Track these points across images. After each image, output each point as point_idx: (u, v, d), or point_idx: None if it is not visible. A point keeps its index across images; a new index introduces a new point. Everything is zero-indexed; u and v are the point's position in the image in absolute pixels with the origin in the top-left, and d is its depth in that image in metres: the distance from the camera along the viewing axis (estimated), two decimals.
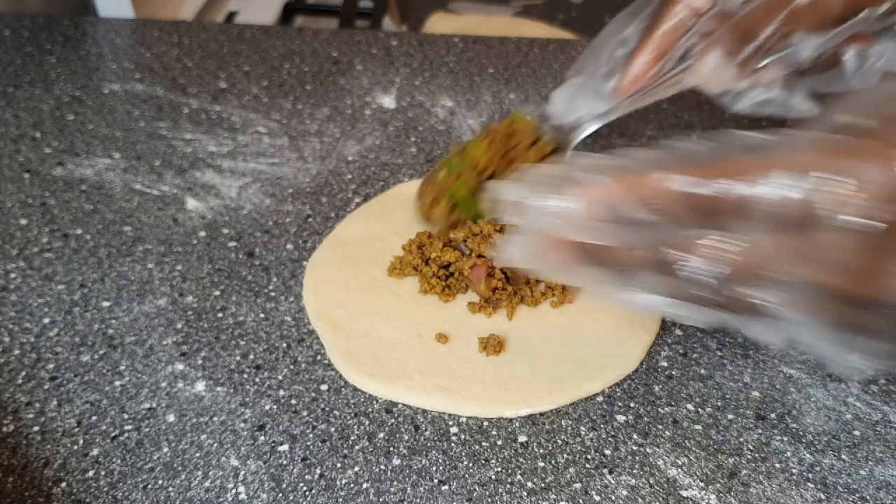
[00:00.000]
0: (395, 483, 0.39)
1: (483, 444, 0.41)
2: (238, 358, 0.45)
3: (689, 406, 0.43)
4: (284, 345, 0.46)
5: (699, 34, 0.46)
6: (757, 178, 0.28)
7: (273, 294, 0.49)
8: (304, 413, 0.42)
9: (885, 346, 0.31)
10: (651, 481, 0.39)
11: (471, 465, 0.40)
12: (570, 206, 0.31)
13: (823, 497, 0.38)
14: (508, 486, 0.39)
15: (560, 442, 0.41)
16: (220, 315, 0.48)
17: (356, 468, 0.40)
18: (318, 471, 0.40)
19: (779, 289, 0.30)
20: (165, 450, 0.41)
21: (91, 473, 0.40)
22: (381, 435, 0.41)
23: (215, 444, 0.41)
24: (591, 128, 0.52)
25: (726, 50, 0.43)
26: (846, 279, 0.29)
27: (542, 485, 0.39)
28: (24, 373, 0.44)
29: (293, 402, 0.43)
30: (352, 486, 0.39)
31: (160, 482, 0.39)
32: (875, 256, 0.28)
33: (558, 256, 0.33)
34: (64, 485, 0.39)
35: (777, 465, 0.40)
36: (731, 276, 0.30)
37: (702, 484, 0.39)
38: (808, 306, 0.30)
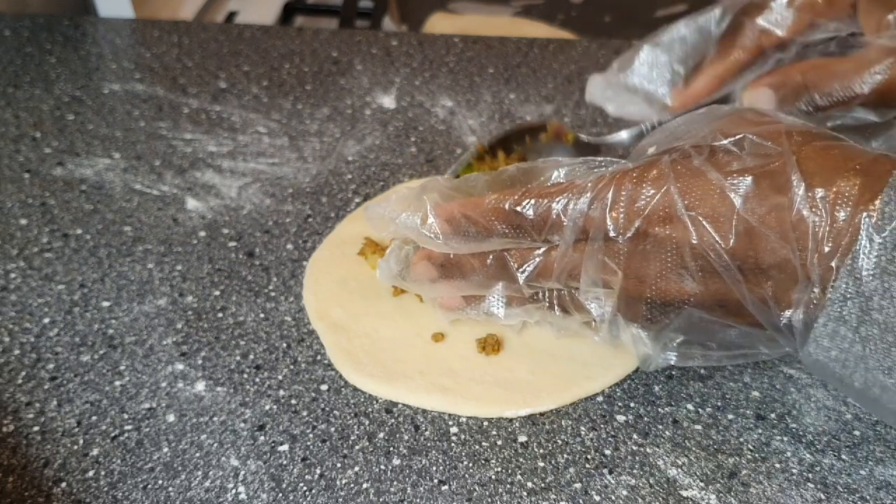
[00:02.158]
0: (395, 483, 0.39)
1: (483, 444, 0.41)
2: (238, 358, 0.45)
3: (689, 406, 0.43)
4: (284, 345, 0.46)
5: (767, 68, 0.46)
6: (554, 198, 0.36)
7: (273, 294, 0.49)
8: (304, 413, 0.42)
9: (693, 348, 0.37)
10: (651, 481, 0.39)
11: (471, 465, 0.40)
12: (418, 222, 0.38)
13: (823, 497, 0.38)
14: (508, 486, 0.39)
15: (560, 442, 0.41)
16: (220, 315, 0.48)
17: (356, 468, 0.40)
18: (318, 471, 0.40)
19: (591, 289, 0.36)
20: (165, 450, 0.41)
21: (91, 473, 0.40)
22: (381, 435, 0.41)
23: (215, 444, 0.41)
24: (625, 136, 0.53)
25: (780, 94, 0.44)
26: (628, 280, 0.36)
27: (542, 485, 0.39)
28: (24, 373, 0.44)
29: (293, 402, 0.43)
30: (352, 486, 0.39)
31: (160, 482, 0.39)
32: (642, 261, 0.35)
33: (421, 270, 0.40)
34: (64, 485, 0.39)
35: (777, 465, 0.40)
36: (554, 278, 0.37)
37: (702, 484, 0.39)
38: (612, 303, 0.36)
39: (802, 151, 0.33)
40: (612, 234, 0.35)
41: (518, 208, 0.36)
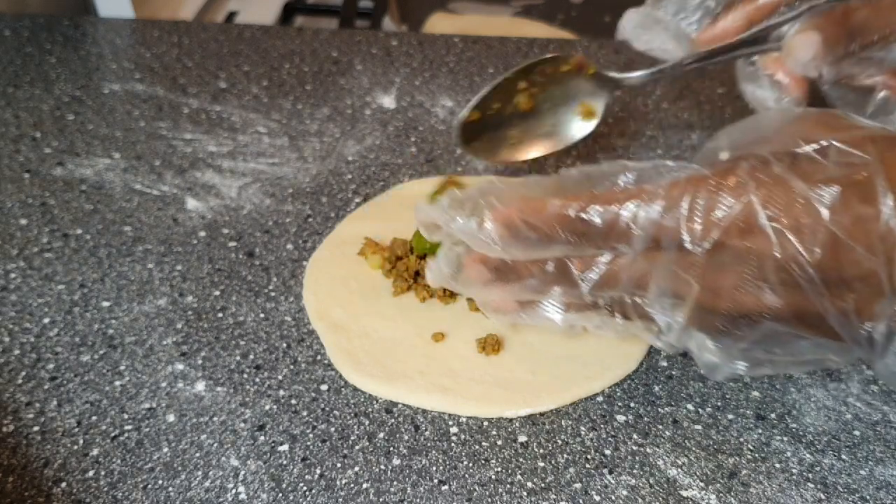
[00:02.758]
0: (395, 483, 0.39)
1: (483, 444, 0.41)
2: (238, 358, 0.45)
3: (689, 406, 0.43)
4: (284, 345, 0.46)
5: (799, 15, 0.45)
6: (622, 205, 0.34)
7: (273, 294, 0.49)
8: (304, 413, 0.42)
9: (760, 355, 0.36)
10: (651, 481, 0.39)
11: (471, 465, 0.40)
12: (474, 227, 0.36)
13: (823, 497, 0.39)
14: (508, 486, 0.39)
15: (560, 442, 0.41)
16: (220, 315, 0.48)
17: (356, 468, 0.40)
18: (318, 471, 0.40)
19: (659, 299, 0.35)
20: (165, 450, 0.41)
21: (91, 473, 0.40)
22: (381, 435, 0.41)
23: (215, 444, 0.41)
24: (646, 75, 0.52)
25: (827, 37, 0.44)
26: (703, 292, 0.34)
27: (542, 485, 0.39)
28: (24, 373, 0.44)
29: (293, 402, 0.43)
30: (352, 486, 0.39)
31: (160, 482, 0.39)
32: (718, 273, 0.34)
33: (473, 273, 0.38)
34: (64, 485, 0.39)
35: (777, 465, 0.40)
36: (619, 288, 0.36)
37: (702, 484, 0.39)
38: (684, 315, 0.35)
39: (887, 159, 0.32)
40: (687, 244, 0.33)
41: (584, 215, 0.34)
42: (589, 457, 0.40)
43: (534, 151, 0.54)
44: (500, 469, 0.40)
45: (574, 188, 0.36)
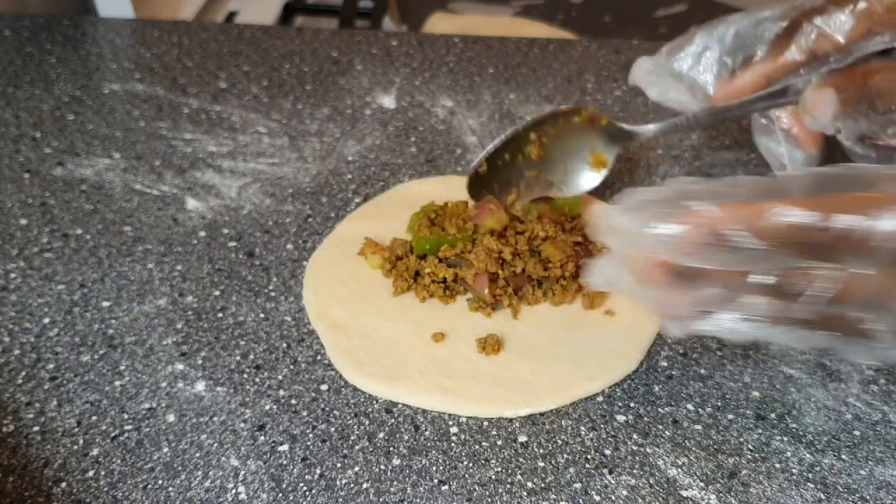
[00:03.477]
0: (395, 483, 0.39)
1: (483, 444, 0.41)
2: (238, 358, 0.45)
3: (689, 406, 0.43)
4: (284, 345, 0.46)
5: (818, 76, 0.45)
6: (873, 213, 0.29)
7: (273, 294, 0.49)
8: (304, 413, 0.42)
9: None
10: (651, 481, 0.39)
11: (471, 465, 0.40)
12: (677, 233, 0.32)
13: (823, 497, 0.39)
14: (508, 486, 0.39)
15: (560, 442, 0.41)
16: (220, 315, 0.48)
17: (356, 468, 0.40)
18: (318, 471, 0.40)
19: (889, 316, 0.31)
20: (165, 450, 0.41)
21: (91, 473, 0.40)
22: (381, 435, 0.41)
23: (215, 444, 0.41)
24: (660, 128, 0.52)
25: (845, 97, 0.43)
26: None
27: (542, 485, 0.39)
28: (24, 373, 0.44)
29: (293, 402, 0.43)
30: (352, 486, 0.39)
31: (160, 482, 0.39)
32: None
33: (653, 279, 0.34)
34: (64, 485, 0.39)
35: (777, 465, 0.40)
36: (847, 305, 0.31)
37: (702, 484, 0.39)
38: None
39: None
40: None
41: (817, 223, 0.30)
42: (589, 457, 0.40)
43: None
44: (500, 469, 0.40)
45: (796, 192, 0.32)
